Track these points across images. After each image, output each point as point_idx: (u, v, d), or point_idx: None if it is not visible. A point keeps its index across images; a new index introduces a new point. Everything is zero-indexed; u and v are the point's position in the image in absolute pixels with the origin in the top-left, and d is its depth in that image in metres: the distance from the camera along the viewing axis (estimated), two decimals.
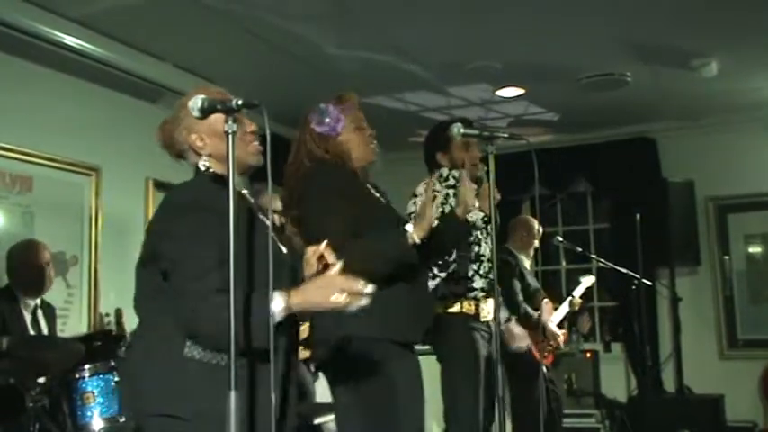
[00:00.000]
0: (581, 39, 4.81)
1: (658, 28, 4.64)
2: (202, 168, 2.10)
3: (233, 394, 1.70)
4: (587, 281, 5.21)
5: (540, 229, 5.07)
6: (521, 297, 4.71)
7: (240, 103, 1.79)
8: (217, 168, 2.09)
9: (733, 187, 6.52)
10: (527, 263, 5.04)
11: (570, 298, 5.07)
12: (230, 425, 1.69)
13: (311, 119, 2.74)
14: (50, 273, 4.06)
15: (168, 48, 4.79)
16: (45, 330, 4.00)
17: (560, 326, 4.95)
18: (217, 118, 1.97)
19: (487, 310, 3.50)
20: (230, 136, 1.79)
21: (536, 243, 5.10)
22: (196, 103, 1.84)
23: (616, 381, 6.62)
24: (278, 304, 1.86)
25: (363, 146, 2.77)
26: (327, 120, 2.71)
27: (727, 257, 6.64)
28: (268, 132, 1.79)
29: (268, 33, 4.60)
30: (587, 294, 6.47)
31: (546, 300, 4.88)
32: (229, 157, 1.79)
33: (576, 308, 5.07)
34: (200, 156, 2.11)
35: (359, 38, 4.75)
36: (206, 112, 1.85)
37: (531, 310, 4.72)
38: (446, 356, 3.50)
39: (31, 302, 3.99)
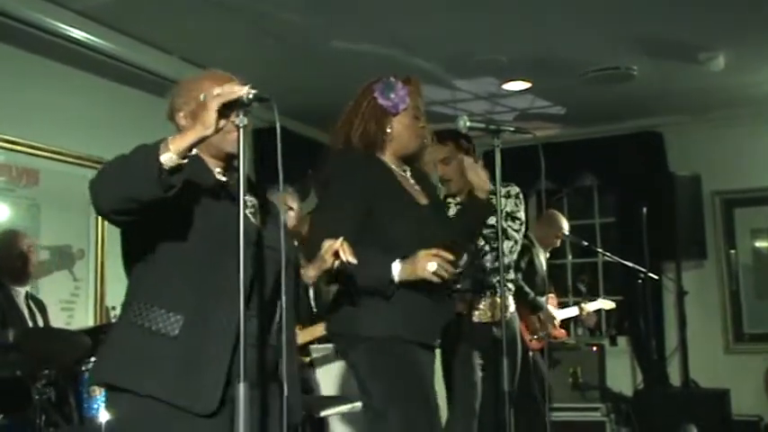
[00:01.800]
0: (587, 32, 4.79)
1: (665, 21, 4.62)
2: None
3: (242, 386, 1.68)
4: (605, 304, 5.24)
5: (566, 230, 5.11)
6: (520, 275, 4.72)
7: (251, 96, 1.76)
8: (198, 149, 2.00)
9: (740, 181, 6.50)
10: (542, 256, 5.07)
11: (581, 306, 5.10)
12: (239, 418, 1.67)
13: (377, 88, 2.66)
14: (33, 259, 4.09)
15: (175, 41, 4.79)
16: (41, 323, 4.03)
17: (563, 325, 4.97)
18: (198, 97, 1.95)
19: (483, 309, 3.49)
20: (241, 130, 1.77)
21: (557, 243, 5.14)
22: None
23: (622, 374, 6.61)
24: (165, 156, 1.73)
25: (413, 137, 2.69)
26: (393, 96, 2.64)
27: (733, 252, 6.63)
28: (278, 126, 1.77)
29: (273, 27, 4.59)
30: (593, 290, 6.50)
31: (552, 294, 4.90)
32: (240, 153, 1.77)
33: (584, 316, 5.11)
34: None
35: (364, 31, 4.74)
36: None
37: (528, 288, 4.72)
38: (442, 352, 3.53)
39: (21, 291, 4.02)
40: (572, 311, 5.08)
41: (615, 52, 5.16)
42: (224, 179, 2.08)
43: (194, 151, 1.99)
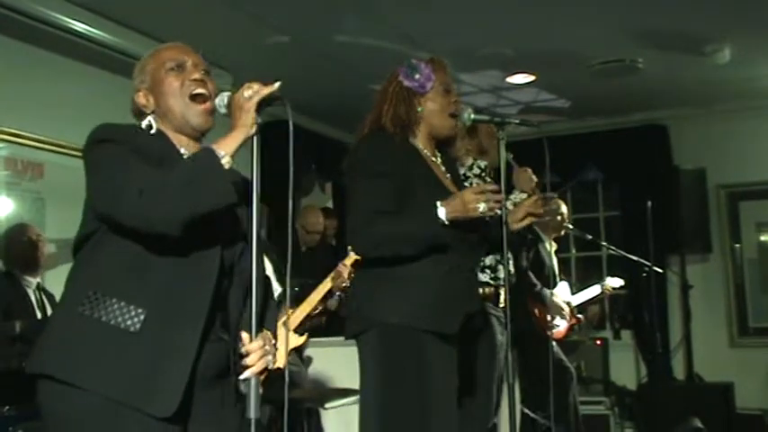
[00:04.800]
0: (592, 24, 4.78)
1: (670, 13, 4.60)
2: (144, 128, 1.97)
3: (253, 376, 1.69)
4: (616, 282, 5.22)
5: (565, 213, 5.08)
6: (525, 263, 4.71)
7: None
8: (163, 126, 1.96)
9: (745, 175, 6.49)
10: (548, 246, 5.05)
11: (603, 283, 5.09)
12: (251, 407, 1.67)
13: (400, 72, 2.66)
14: (43, 248, 4.12)
15: (179, 35, 4.74)
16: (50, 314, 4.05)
17: (585, 306, 4.97)
18: (155, 68, 1.95)
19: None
20: (256, 128, 1.77)
21: (561, 227, 5.11)
22: (222, 100, 1.84)
23: (626, 368, 6.62)
24: (221, 154, 1.74)
25: (444, 115, 2.67)
26: (418, 76, 2.64)
27: (738, 245, 6.62)
28: (291, 126, 1.76)
29: (278, 21, 4.59)
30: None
31: (564, 282, 4.92)
32: (253, 158, 1.76)
33: (608, 294, 5.12)
34: (145, 116, 1.98)
35: (368, 24, 4.73)
36: (231, 108, 1.82)
37: (534, 279, 4.72)
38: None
39: (33, 281, 4.05)
40: (594, 290, 5.06)
41: (620, 45, 5.15)
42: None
43: (155, 127, 1.96)
